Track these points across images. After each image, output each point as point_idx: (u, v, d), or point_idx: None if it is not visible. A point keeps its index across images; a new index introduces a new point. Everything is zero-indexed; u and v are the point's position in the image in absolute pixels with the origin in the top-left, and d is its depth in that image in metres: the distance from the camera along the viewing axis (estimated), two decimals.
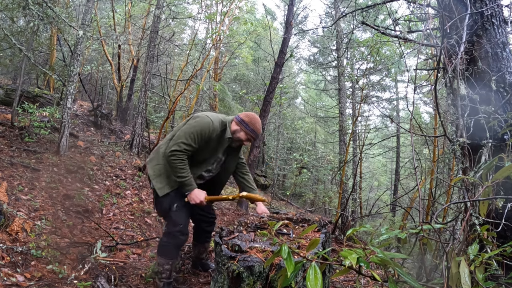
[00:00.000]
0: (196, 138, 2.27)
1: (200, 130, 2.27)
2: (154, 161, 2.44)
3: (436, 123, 6.65)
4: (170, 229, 2.37)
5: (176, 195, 2.37)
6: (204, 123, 2.28)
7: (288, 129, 15.58)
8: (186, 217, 2.42)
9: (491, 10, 2.24)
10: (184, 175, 2.27)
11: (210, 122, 2.30)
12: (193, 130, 2.26)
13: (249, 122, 2.38)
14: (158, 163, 2.41)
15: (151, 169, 2.43)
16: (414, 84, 2.21)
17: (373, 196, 14.55)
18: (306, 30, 12.45)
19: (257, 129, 2.41)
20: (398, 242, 4.25)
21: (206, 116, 2.34)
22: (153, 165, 2.43)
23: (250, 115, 2.43)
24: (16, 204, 3.32)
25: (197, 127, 2.27)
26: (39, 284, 2.24)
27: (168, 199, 2.37)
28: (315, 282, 0.97)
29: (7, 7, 5.72)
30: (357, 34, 11.46)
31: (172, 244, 2.37)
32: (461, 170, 2.17)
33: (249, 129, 2.39)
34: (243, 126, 2.38)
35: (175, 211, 2.36)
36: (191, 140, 2.26)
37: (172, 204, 2.37)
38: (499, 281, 1.49)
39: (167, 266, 2.37)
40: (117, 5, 12.91)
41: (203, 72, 10.58)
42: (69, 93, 5.38)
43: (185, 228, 2.38)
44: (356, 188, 8.74)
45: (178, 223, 2.35)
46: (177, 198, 2.37)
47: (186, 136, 2.25)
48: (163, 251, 2.38)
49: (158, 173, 2.39)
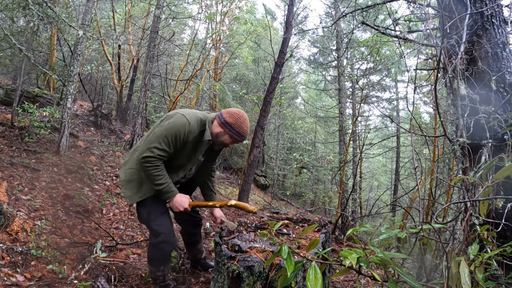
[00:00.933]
0: (171, 141, 1.98)
1: (174, 133, 1.97)
2: (128, 164, 2.17)
3: (436, 123, 6.65)
4: (153, 240, 2.18)
5: (152, 202, 2.14)
6: (179, 124, 1.98)
7: (288, 129, 15.57)
8: (167, 224, 2.18)
9: (491, 10, 2.24)
10: (162, 181, 2.01)
11: (186, 122, 2.00)
12: (166, 133, 1.97)
13: (234, 123, 2.06)
14: (131, 167, 2.14)
15: (123, 173, 2.16)
16: (414, 84, 2.21)
17: (373, 196, 14.54)
18: (306, 30, 12.45)
19: (243, 131, 2.09)
20: (398, 242, 4.25)
21: (182, 116, 2.03)
22: (126, 168, 2.16)
23: (235, 114, 2.09)
24: (16, 204, 3.32)
25: (171, 129, 1.97)
26: (39, 284, 2.24)
27: (144, 208, 2.15)
28: (315, 282, 0.97)
29: (7, 7, 5.72)
30: (357, 34, 11.46)
31: (159, 256, 2.22)
32: (461, 170, 2.17)
33: (234, 132, 2.08)
34: (227, 129, 2.08)
35: (154, 219, 2.14)
36: (165, 145, 1.97)
37: (151, 212, 2.14)
38: (499, 281, 1.49)
39: (159, 273, 2.29)
40: (117, 5, 12.91)
41: (203, 72, 10.59)
42: (69, 93, 5.38)
43: (168, 237, 2.16)
44: (356, 188, 8.74)
45: (159, 233, 2.13)
46: (155, 206, 2.15)
47: (159, 140, 1.97)
48: (151, 260, 2.26)
49: (129, 178, 2.12)
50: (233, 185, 10.73)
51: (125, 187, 2.13)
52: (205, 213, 5.60)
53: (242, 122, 2.08)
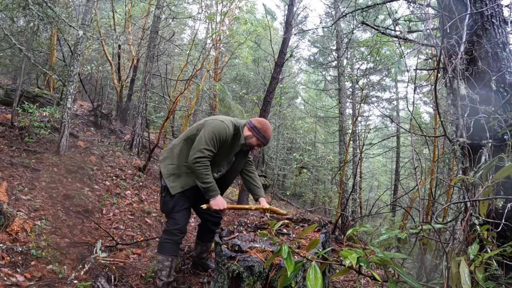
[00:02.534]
0: (216, 143, 2.34)
1: (218, 135, 2.34)
2: (168, 160, 2.52)
3: (436, 123, 6.65)
4: (170, 227, 2.46)
5: (180, 197, 2.46)
6: (222, 128, 2.36)
7: (288, 129, 15.57)
8: (186, 218, 2.53)
9: (491, 10, 2.24)
10: (209, 180, 2.33)
11: (226, 127, 2.38)
12: (212, 136, 2.32)
13: (261, 128, 2.46)
14: (172, 163, 2.50)
15: (164, 167, 2.51)
16: (414, 84, 2.21)
17: (373, 196, 14.54)
18: (306, 30, 12.44)
19: (268, 136, 2.49)
20: (398, 242, 4.25)
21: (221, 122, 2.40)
22: (166, 164, 2.51)
23: (262, 122, 2.50)
24: (16, 204, 3.32)
25: (216, 132, 2.34)
26: (39, 284, 2.24)
27: (173, 199, 2.46)
28: (315, 282, 0.97)
29: (7, 7, 5.72)
30: (357, 34, 11.46)
31: (171, 241, 2.44)
32: (461, 170, 2.16)
33: (260, 136, 2.47)
34: (255, 133, 2.47)
35: (177, 212, 2.46)
36: (212, 146, 2.32)
37: (176, 205, 2.46)
38: (499, 281, 1.49)
39: (167, 263, 2.41)
40: (117, 5, 12.90)
41: (203, 72, 10.58)
42: (69, 93, 5.38)
43: (183, 227, 2.48)
44: (356, 188, 8.74)
45: (178, 223, 2.45)
46: (181, 200, 2.47)
47: (207, 142, 2.31)
48: (163, 248, 2.44)
49: (171, 172, 2.47)
50: (233, 185, 10.73)
51: (168, 180, 2.47)
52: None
53: (267, 129, 2.49)
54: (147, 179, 6.04)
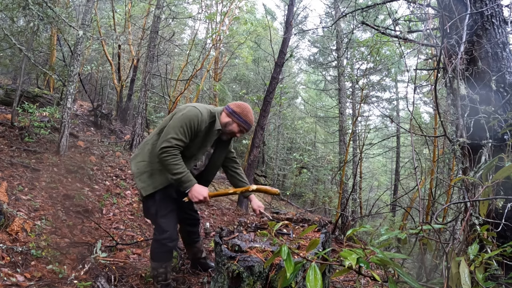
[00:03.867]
0: (186, 131, 2.10)
1: (189, 122, 2.10)
2: (139, 157, 2.28)
3: (436, 123, 6.65)
4: (158, 236, 2.26)
5: (163, 199, 2.24)
6: (193, 115, 2.12)
7: (288, 129, 15.57)
8: (173, 222, 2.30)
9: (491, 10, 2.24)
10: (180, 170, 2.08)
11: (198, 113, 2.14)
12: (182, 124, 2.09)
13: (241, 112, 2.22)
14: (143, 160, 2.25)
15: (135, 166, 2.28)
16: (414, 84, 2.21)
17: (373, 196, 14.54)
18: (306, 30, 12.44)
19: (249, 120, 2.25)
20: (398, 242, 4.26)
21: (193, 107, 2.17)
22: (137, 161, 2.28)
23: (242, 105, 2.26)
24: (16, 204, 3.32)
25: (186, 119, 2.10)
26: (39, 284, 2.24)
27: (154, 203, 2.24)
28: (315, 282, 0.97)
29: (7, 7, 5.72)
30: (357, 34, 11.46)
31: (162, 251, 2.28)
32: (461, 170, 2.16)
33: (241, 120, 2.23)
34: (235, 118, 2.23)
35: (162, 216, 2.24)
36: (181, 135, 2.09)
37: (160, 209, 2.24)
38: (499, 281, 1.49)
39: (162, 270, 2.32)
40: (117, 5, 12.90)
41: (203, 72, 10.59)
42: (69, 93, 5.38)
43: (173, 234, 2.28)
44: (356, 188, 8.74)
45: (165, 230, 2.23)
46: (164, 203, 2.24)
47: (176, 131, 2.08)
48: (154, 256, 2.31)
49: (142, 170, 2.23)
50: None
51: (138, 179, 2.23)
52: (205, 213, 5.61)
53: (248, 112, 2.24)
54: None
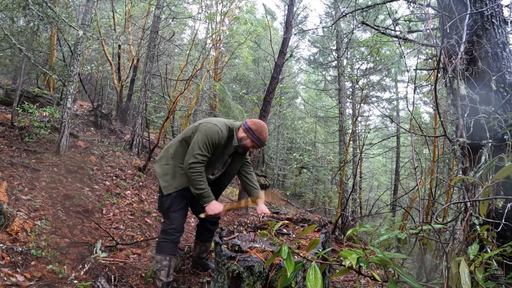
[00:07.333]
0: (209, 147, 2.35)
1: (211, 139, 2.34)
2: (163, 160, 2.54)
3: (436, 123, 6.65)
4: (166, 227, 2.48)
5: (177, 196, 2.47)
6: (214, 132, 2.35)
7: (288, 129, 15.57)
8: (182, 218, 2.53)
9: (491, 10, 2.24)
10: (203, 187, 2.33)
11: (219, 130, 2.36)
12: (205, 140, 2.32)
13: (256, 130, 2.45)
14: (167, 163, 2.51)
15: (159, 167, 2.53)
16: (414, 84, 2.21)
17: (373, 196, 14.54)
18: (306, 30, 12.44)
19: (263, 137, 2.47)
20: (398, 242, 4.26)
21: (214, 125, 2.39)
22: (162, 164, 2.53)
23: (258, 123, 2.48)
24: (16, 204, 3.32)
25: (209, 136, 2.33)
26: (39, 284, 2.24)
27: (169, 199, 2.47)
28: (315, 282, 0.97)
29: (7, 7, 5.72)
30: (357, 34, 11.45)
31: (168, 240, 2.45)
32: (461, 170, 2.16)
33: (255, 137, 2.46)
34: (250, 134, 2.46)
35: (174, 211, 2.47)
36: (205, 151, 2.32)
37: (172, 205, 2.47)
38: (499, 281, 1.49)
39: (165, 262, 2.42)
40: (117, 5, 12.89)
41: (203, 72, 10.58)
42: (69, 93, 5.37)
43: (179, 226, 2.49)
44: (356, 188, 8.74)
45: (173, 222, 2.47)
46: (177, 200, 2.48)
47: (201, 147, 2.31)
48: (160, 247, 2.46)
49: (165, 172, 2.49)
50: (233, 185, 10.72)
51: (162, 179, 2.49)
52: None
53: (263, 130, 2.47)
54: (147, 179, 6.04)
